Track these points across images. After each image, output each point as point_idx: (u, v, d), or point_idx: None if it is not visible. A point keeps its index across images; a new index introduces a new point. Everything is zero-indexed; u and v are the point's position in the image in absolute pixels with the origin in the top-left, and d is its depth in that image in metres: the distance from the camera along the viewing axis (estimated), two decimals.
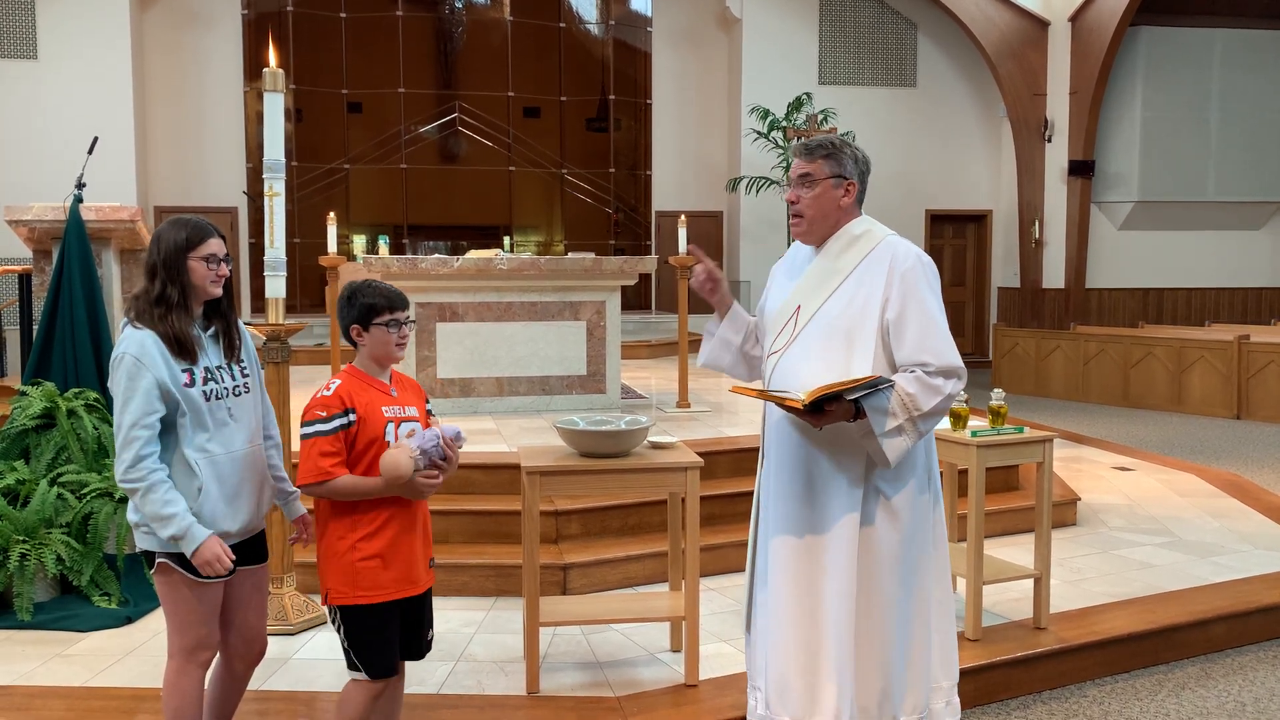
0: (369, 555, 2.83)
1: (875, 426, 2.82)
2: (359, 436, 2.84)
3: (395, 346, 2.93)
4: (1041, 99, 15.39)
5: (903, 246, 3.01)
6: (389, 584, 2.86)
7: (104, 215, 5.57)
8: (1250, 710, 3.93)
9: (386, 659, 2.90)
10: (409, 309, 2.99)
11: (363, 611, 2.85)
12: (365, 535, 2.84)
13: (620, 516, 5.29)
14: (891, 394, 2.83)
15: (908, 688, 3.04)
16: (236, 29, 14.63)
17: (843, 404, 2.81)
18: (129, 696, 3.68)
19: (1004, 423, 4.35)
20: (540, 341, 7.28)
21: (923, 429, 2.88)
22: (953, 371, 2.88)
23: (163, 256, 2.76)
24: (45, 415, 4.93)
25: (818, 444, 2.99)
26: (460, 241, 14.95)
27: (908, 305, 2.92)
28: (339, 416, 2.82)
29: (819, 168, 3.03)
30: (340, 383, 2.88)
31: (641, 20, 16.07)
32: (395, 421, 2.89)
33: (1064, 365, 13.03)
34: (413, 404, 2.99)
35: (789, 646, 3.01)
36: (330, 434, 2.80)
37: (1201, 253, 16.00)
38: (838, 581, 2.95)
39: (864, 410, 2.82)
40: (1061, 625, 4.40)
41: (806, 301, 3.04)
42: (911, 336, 2.90)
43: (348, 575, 2.83)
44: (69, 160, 10.27)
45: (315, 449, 2.79)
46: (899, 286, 2.93)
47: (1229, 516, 6.42)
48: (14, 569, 4.39)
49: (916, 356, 2.89)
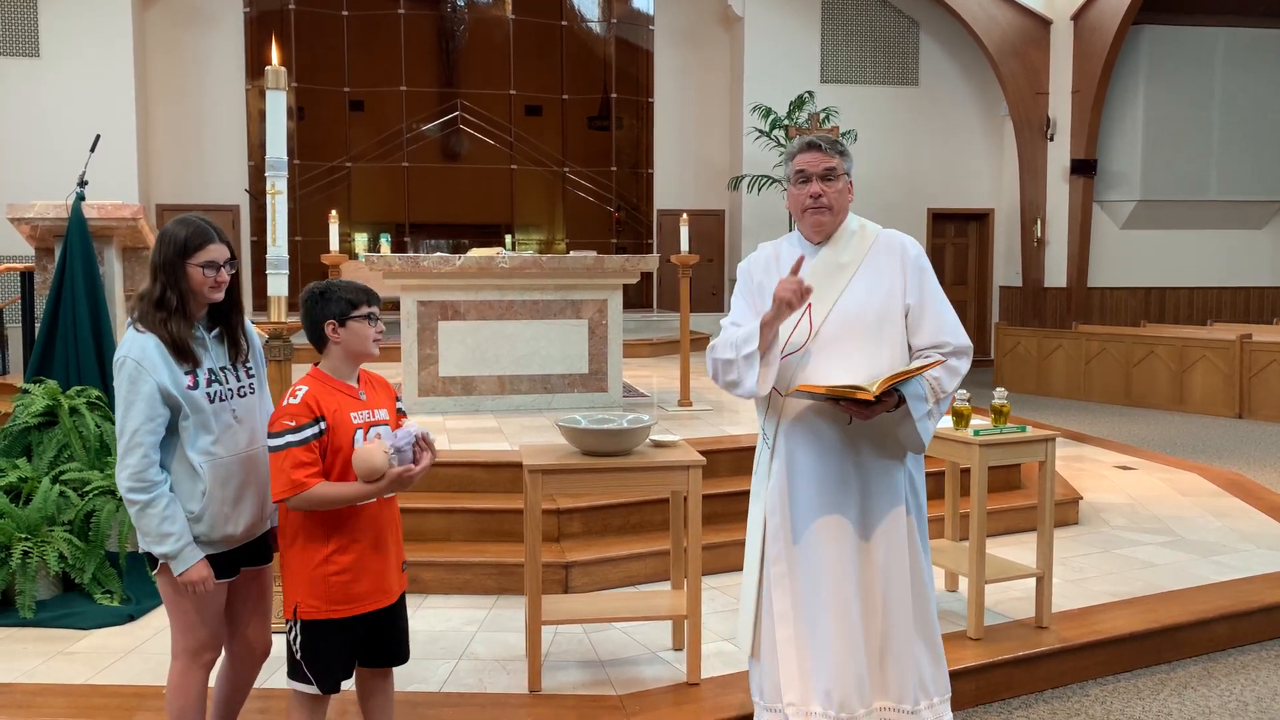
0: (342, 569, 2.75)
1: (915, 411, 2.93)
2: (329, 445, 2.74)
3: (373, 341, 2.83)
4: (1044, 98, 15.38)
5: (902, 236, 3.16)
6: (362, 597, 2.79)
7: (106, 213, 5.56)
8: (1253, 709, 3.92)
9: (338, 674, 2.82)
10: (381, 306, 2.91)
11: (329, 626, 2.77)
12: (338, 548, 2.75)
13: (622, 515, 5.29)
14: (923, 380, 2.95)
15: (939, 666, 3.16)
16: (238, 27, 14.62)
17: (891, 394, 2.90)
18: (131, 694, 3.68)
19: (1006, 422, 4.35)
20: (542, 340, 7.28)
21: (942, 410, 3.04)
22: (966, 350, 3.04)
23: (163, 259, 2.73)
24: (47, 413, 4.93)
25: (859, 437, 3.02)
26: (462, 240, 14.95)
27: (925, 289, 3.06)
28: (309, 425, 2.71)
29: (840, 164, 3.11)
30: (306, 389, 2.77)
31: (643, 18, 16.05)
32: (364, 427, 2.79)
33: (1066, 364, 13.03)
34: (383, 405, 2.89)
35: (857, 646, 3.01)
36: (302, 444, 2.69)
37: (1204, 252, 15.98)
38: (898, 570, 3.05)
39: (904, 397, 2.91)
40: (1063, 624, 4.39)
41: (818, 299, 3.01)
42: (930, 320, 3.04)
43: (320, 589, 2.75)
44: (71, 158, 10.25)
45: (288, 460, 2.68)
46: (914, 274, 3.06)
47: (1231, 516, 6.42)
48: (16, 567, 4.39)
49: (936, 338, 3.02)
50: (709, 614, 4.45)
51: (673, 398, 7.88)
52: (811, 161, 3.08)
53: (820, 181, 3.08)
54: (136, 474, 2.66)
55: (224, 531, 2.78)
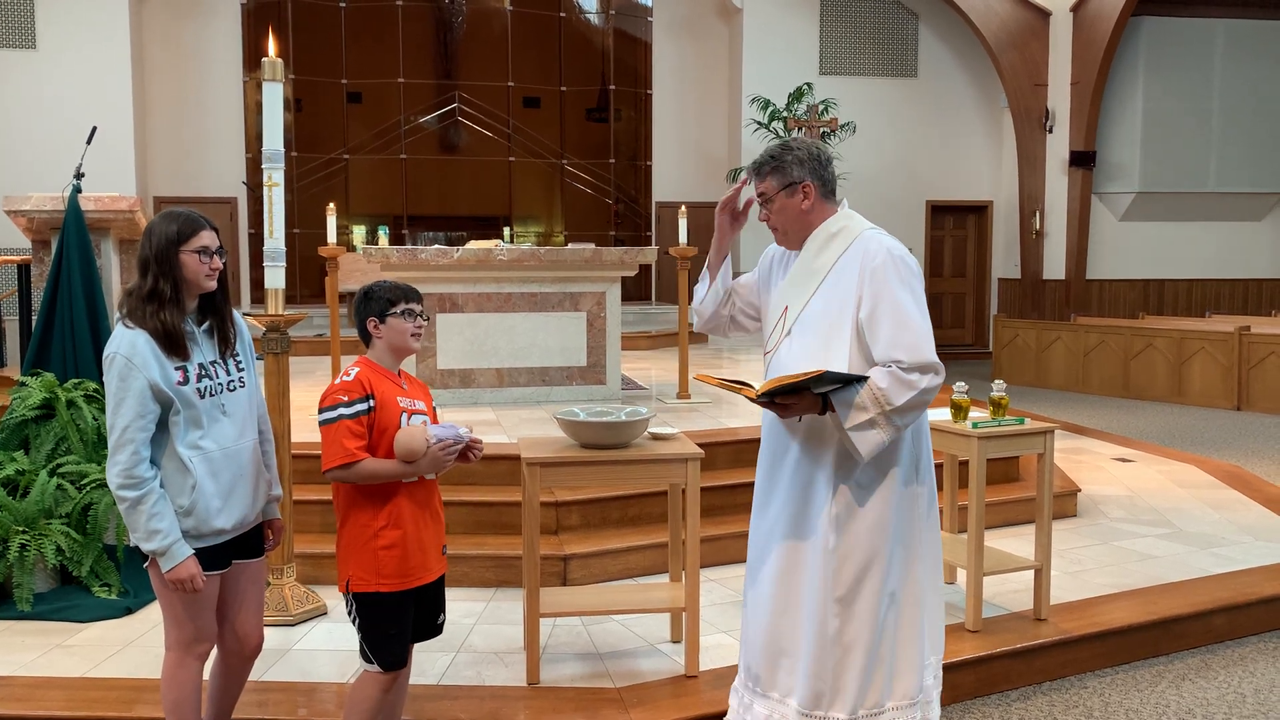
0: (390, 544, 2.88)
1: (844, 420, 2.86)
2: (375, 423, 2.89)
3: (411, 335, 3.00)
4: (1043, 89, 15.36)
5: (874, 243, 2.98)
6: (408, 571, 2.91)
7: (103, 205, 5.55)
8: (1250, 701, 3.93)
9: (398, 652, 2.95)
10: (422, 303, 3.08)
11: (381, 600, 2.89)
12: (386, 523, 2.89)
13: (620, 507, 5.29)
14: (862, 388, 2.85)
15: (895, 674, 3.04)
16: (236, 18, 14.59)
17: (805, 397, 2.86)
18: (129, 687, 3.68)
19: (1005, 414, 4.35)
20: (540, 332, 7.27)
21: (899, 424, 2.87)
22: (928, 367, 2.86)
23: (154, 250, 2.73)
24: (45, 406, 4.92)
25: (795, 436, 3.05)
26: (460, 232, 14.93)
27: (879, 303, 2.91)
28: (360, 401, 2.87)
29: (769, 185, 3.06)
30: (359, 369, 2.94)
31: (642, 10, 16.02)
32: (408, 413, 2.96)
33: (1064, 356, 13.03)
34: (421, 399, 3.05)
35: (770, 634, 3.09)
36: (353, 417, 2.85)
37: (1202, 244, 15.97)
38: (811, 571, 3.01)
39: (831, 404, 2.87)
40: (1062, 616, 4.40)
41: (792, 302, 3.08)
42: (884, 334, 2.89)
43: (370, 562, 2.88)
44: (67, 150, 10.25)
45: (340, 431, 2.83)
46: (870, 285, 2.92)
47: (1229, 508, 6.42)
48: (14, 559, 4.39)
49: (890, 354, 2.87)
50: (707, 606, 4.45)
51: (671, 390, 7.87)
52: (756, 187, 3.13)
53: (762, 207, 3.11)
54: (126, 471, 2.66)
55: (213, 526, 2.79)
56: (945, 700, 3.84)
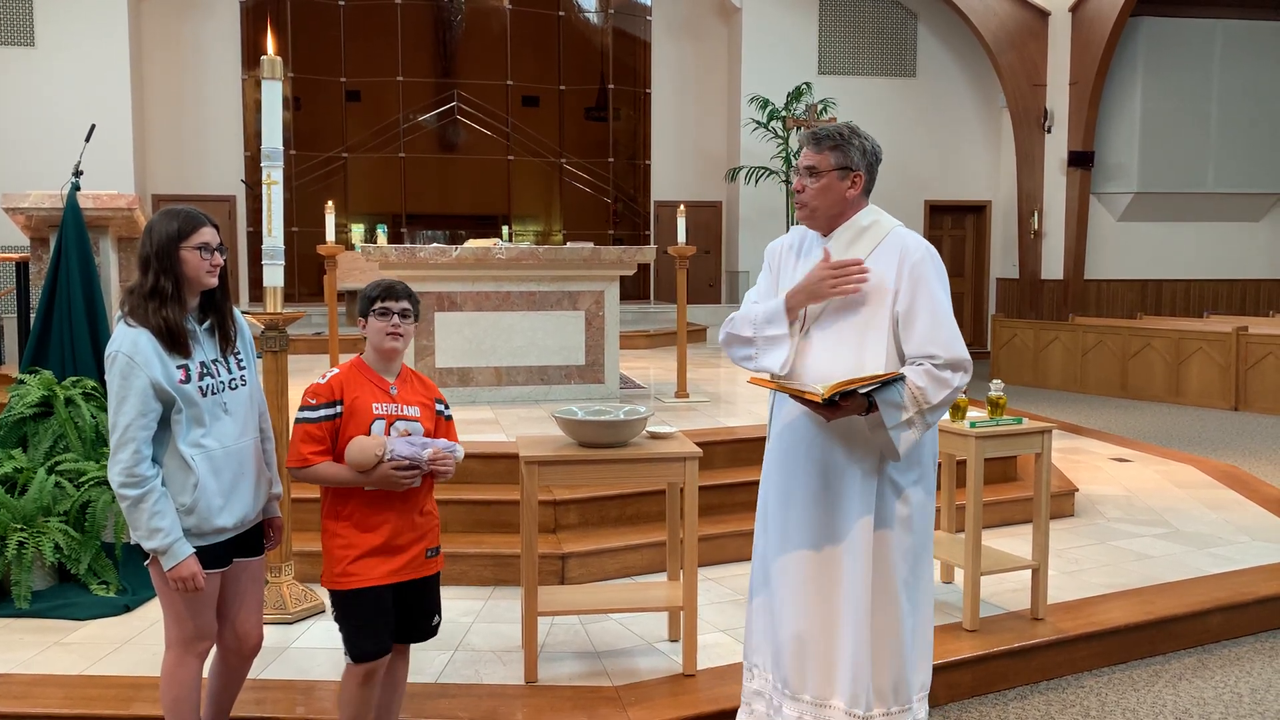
0: (348, 541, 2.89)
1: (887, 419, 2.85)
2: (342, 429, 2.88)
3: (386, 335, 2.93)
4: (1041, 90, 15.36)
5: (912, 239, 3.02)
6: (379, 568, 2.90)
7: (101, 203, 5.55)
8: (1247, 701, 3.94)
9: (366, 644, 2.93)
10: (406, 301, 2.98)
11: (351, 595, 2.90)
12: (358, 520, 2.89)
13: (618, 506, 5.29)
14: (903, 387, 2.85)
15: (916, 670, 3.10)
16: (235, 16, 14.58)
17: (856, 398, 2.84)
18: (127, 685, 3.68)
19: (1002, 414, 4.35)
20: (539, 331, 7.27)
21: (929, 421, 2.92)
22: (960, 364, 2.91)
23: (155, 248, 2.73)
24: (43, 403, 4.92)
25: (832, 438, 3.00)
26: (459, 231, 14.94)
27: (917, 298, 2.93)
28: (326, 406, 2.88)
29: (825, 159, 3.02)
30: (337, 372, 2.93)
31: (641, 9, 16.02)
32: (387, 419, 2.91)
33: (1062, 356, 13.04)
34: (414, 404, 2.99)
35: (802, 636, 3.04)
36: (314, 422, 2.87)
37: (1200, 244, 15.99)
38: (854, 573, 2.98)
39: (876, 404, 2.85)
40: (1059, 616, 4.40)
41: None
42: (920, 329, 2.91)
43: (333, 557, 2.91)
44: (66, 148, 10.25)
45: (300, 434, 2.88)
46: (909, 279, 2.94)
47: (1226, 508, 6.43)
48: (12, 557, 4.39)
49: (925, 349, 2.90)
50: (705, 605, 4.46)
51: (670, 389, 7.88)
52: (802, 156, 3.09)
53: (804, 176, 3.05)
54: (128, 469, 2.66)
55: (215, 524, 2.79)
56: (942, 699, 3.85)
